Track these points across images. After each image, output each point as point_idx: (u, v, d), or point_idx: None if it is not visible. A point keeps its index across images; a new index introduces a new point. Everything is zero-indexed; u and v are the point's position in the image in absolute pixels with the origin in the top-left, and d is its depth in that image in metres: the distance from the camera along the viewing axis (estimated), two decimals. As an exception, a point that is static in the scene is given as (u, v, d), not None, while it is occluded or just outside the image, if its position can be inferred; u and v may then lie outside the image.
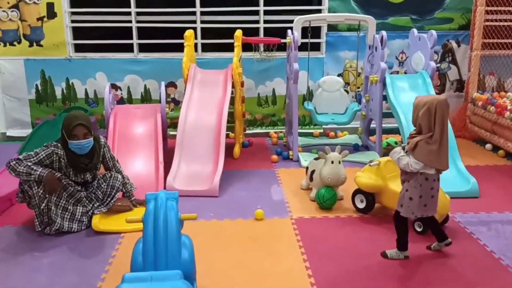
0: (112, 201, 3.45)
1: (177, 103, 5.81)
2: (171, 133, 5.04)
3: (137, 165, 4.16)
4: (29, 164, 3.18)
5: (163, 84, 4.78)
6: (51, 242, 3.17)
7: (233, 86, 4.81)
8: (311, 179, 3.89)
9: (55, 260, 2.96)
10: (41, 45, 5.64)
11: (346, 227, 3.40)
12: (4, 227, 3.41)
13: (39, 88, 5.75)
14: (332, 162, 3.68)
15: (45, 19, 5.58)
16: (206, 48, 5.85)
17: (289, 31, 5.01)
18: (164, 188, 3.95)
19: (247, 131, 5.73)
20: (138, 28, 5.73)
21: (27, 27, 5.60)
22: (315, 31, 5.38)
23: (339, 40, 5.82)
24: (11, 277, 2.77)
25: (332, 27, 5.76)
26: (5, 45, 5.62)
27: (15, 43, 5.63)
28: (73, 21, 5.69)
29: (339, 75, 5.77)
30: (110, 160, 3.55)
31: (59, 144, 3.30)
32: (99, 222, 3.32)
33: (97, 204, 3.43)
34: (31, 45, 5.64)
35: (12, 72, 5.68)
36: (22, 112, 5.80)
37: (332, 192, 3.68)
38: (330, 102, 5.21)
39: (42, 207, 3.22)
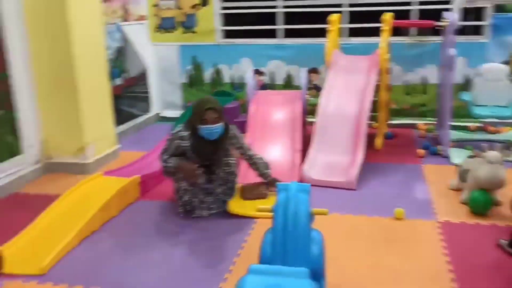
0: (234, 185, 3.47)
1: (319, 89, 5.68)
2: (311, 120, 4.94)
3: (274, 151, 4.15)
4: (165, 157, 3.30)
5: (304, 70, 4.69)
6: (190, 220, 3.32)
7: (378, 73, 4.51)
8: (462, 179, 3.47)
9: (192, 238, 3.09)
10: (194, 32, 5.97)
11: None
12: (154, 201, 3.65)
13: (191, 72, 6.11)
14: (491, 163, 3.21)
15: (198, 6, 5.88)
16: (352, 32, 5.59)
17: (445, 13, 4.50)
18: (300, 176, 3.88)
19: (391, 122, 5.36)
20: (283, 14, 5.71)
21: (183, 15, 5.96)
22: (477, 12, 4.76)
23: (507, 23, 5.07)
24: (152, 251, 2.95)
25: (500, 8, 5.03)
26: (163, 32, 6.07)
27: (172, 30, 6.04)
28: (223, 8, 5.90)
29: (504, 63, 5.04)
30: (240, 148, 3.47)
31: (184, 135, 3.26)
32: (235, 205, 3.39)
33: (223, 188, 3.41)
34: (185, 32, 6.00)
35: (168, 57, 6.11)
36: (175, 95, 6.23)
37: (487, 196, 3.23)
38: (492, 93, 4.58)
39: (185, 200, 3.36)
